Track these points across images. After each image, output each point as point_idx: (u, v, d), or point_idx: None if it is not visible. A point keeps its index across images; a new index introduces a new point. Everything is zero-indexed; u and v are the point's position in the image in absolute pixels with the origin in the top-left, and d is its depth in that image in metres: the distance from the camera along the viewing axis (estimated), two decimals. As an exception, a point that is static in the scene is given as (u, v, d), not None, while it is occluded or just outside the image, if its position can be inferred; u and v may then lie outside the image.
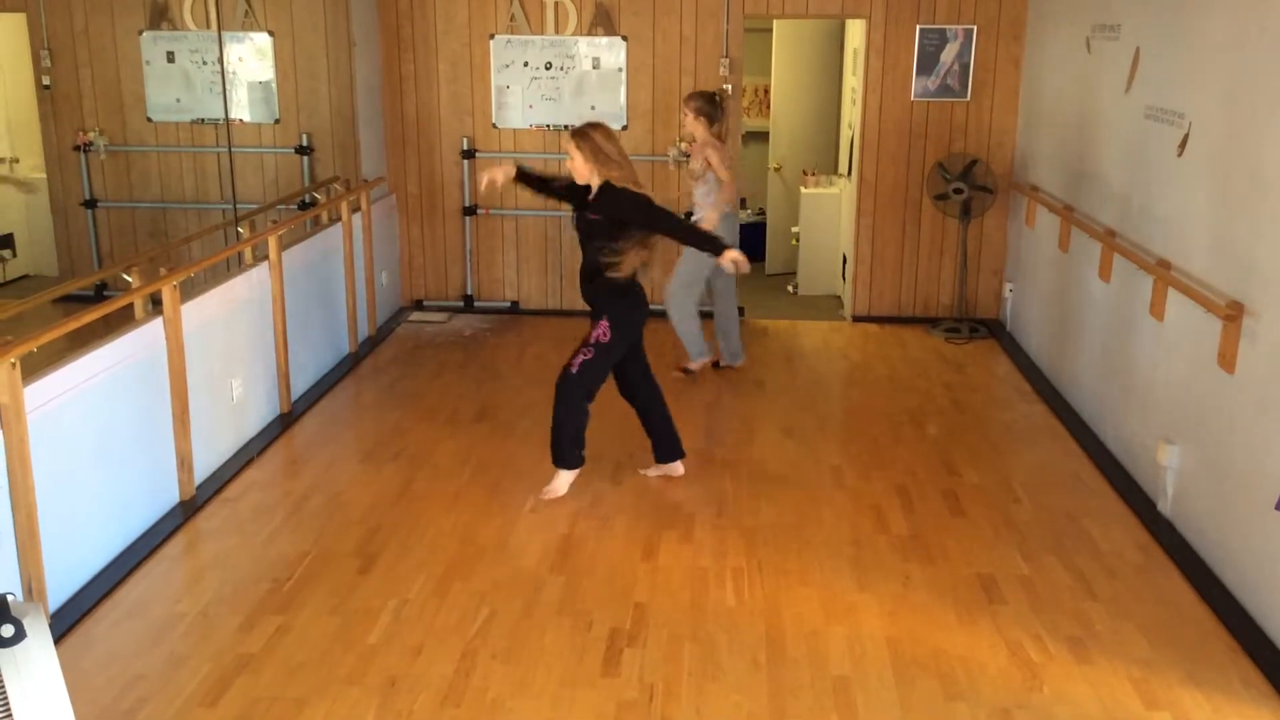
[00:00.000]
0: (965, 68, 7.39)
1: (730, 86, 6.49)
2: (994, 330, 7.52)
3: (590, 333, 4.75)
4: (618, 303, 4.77)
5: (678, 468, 5.09)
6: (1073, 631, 3.81)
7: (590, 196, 4.73)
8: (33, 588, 3.63)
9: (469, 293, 7.97)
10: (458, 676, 3.53)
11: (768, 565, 4.28)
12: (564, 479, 4.88)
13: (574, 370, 4.73)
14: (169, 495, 4.66)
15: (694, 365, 6.52)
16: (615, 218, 4.66)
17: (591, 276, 4.76)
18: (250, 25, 7.17)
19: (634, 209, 4.66)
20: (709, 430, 5.72)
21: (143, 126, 7.09)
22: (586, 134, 4.68)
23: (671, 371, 6.40)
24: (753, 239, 9.14)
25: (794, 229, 8.93)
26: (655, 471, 5.09)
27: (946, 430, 5.75)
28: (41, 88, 6.76)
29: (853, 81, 8.06)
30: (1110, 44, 5.62)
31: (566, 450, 4.83)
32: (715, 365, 6.65)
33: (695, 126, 6.19)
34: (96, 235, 7.01)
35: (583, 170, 4.69)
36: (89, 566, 4.09)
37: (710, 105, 6.17)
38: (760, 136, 9.40)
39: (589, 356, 4.73)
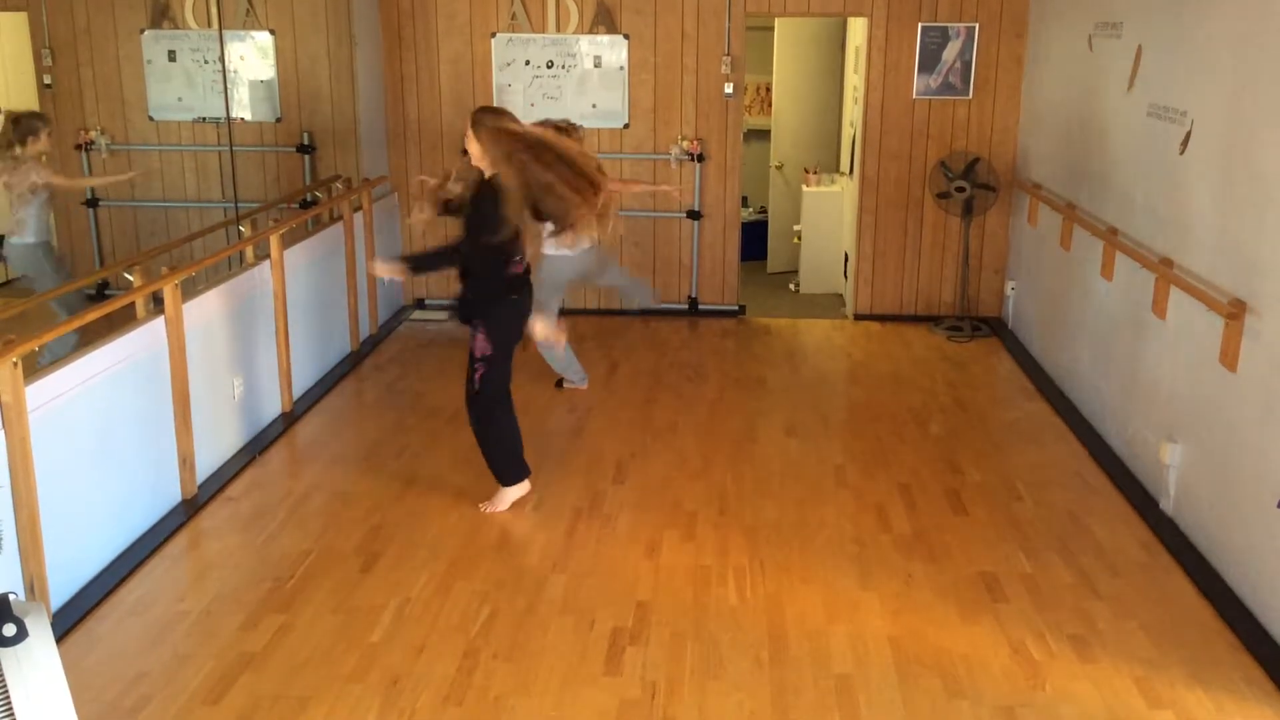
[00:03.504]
0: (967, 66, 7.38)
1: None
2: (996, 328, 7.51)
3: (472, 346, 4.51)
4: (488, 309, 4.49)
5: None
6: (1075, 630, 3.81)
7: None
8: (35, 586, 3.63)
9: (471, 291, 7.97)
10: (460, 675, 3.53)
11: (770, 563, 4.27)
12: (509, 495, 4.69)
13: (478, 386, 4.53)
14: (171, 494, 4.66)
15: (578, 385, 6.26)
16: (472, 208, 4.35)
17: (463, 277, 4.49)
18: (251, 24, 7.17)
19: (477, 216, 4.32)
20: (711, 428, 5.71)
21: (144, 125, 7.09)
22: (479, 121, 4.30)
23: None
24: (755, 237, 9.16)
25: (796, 227, 8.92)
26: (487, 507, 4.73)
27: (949, 429, 5.75)
28: (43, 86, 6.76)
29: (854, 79, 8.05)
30: (1112, 42, 5.61)
31: (503, 465, 4.66)
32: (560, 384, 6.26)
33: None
34: (98, 234, 7.01)
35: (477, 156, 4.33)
36: (91, 565, 4.09)
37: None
38: (762, 135, 9.39)
39: (484, 370, 4.50)
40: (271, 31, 7.17)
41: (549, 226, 4.46)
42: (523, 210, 4.28)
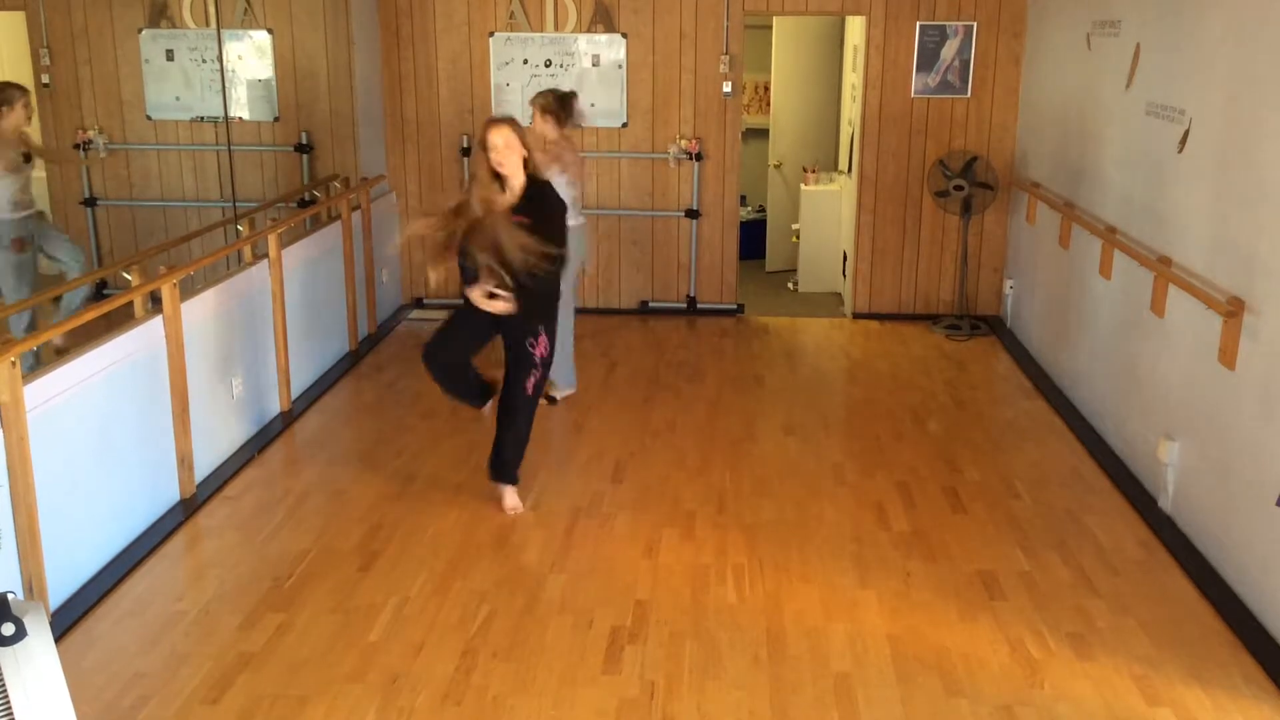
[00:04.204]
0: (965, 64, 7.38)
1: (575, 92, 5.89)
2: (995, 327, 7.51)
3: (533, 352, 4.55)
4: (551, 310, 4.58)
5: (505, 493, 4.73)
6: (1074, 628, 3.81)
7: (516, 196, 4.41)
8: (33, 586, 3.63)
9: (469, 290, 7.96)
10: (459, 674, 3.53)
11: (769, 562, 4.28)
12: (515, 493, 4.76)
13: (528, 392, 4.60)
14: (169, 493, 4.66)
15: (562, 394, 6.08)
16: (540, 216, 4.37)
17: (522, 283, 4.36)
18: (249, 23, 7.17)
19: (558, 209, 4.48)
20: (709, 427, 5.72)
21: (142, 125, 7.09)
22: (513, 120, 4.42)
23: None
24: (753, 236, 9.15)
25: (794, 226, 8.92)
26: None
27: (947, 427, 5.75)
28: (41, 86, 6.75)
29: (853, 78, 8.05)
30: (1110, 40, 5.61)
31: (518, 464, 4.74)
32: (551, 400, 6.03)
33: (544, 127, 5.68)
34: (96, 234, 7.01)
35: (513, 161, 4.36)
36: (90, 565, 4.09)
37: (559, 104, 5.70)
38: (760, 133, 9.39)
39: (539, 376, 4.60)
40: (269, 30, 7.17)
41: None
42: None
